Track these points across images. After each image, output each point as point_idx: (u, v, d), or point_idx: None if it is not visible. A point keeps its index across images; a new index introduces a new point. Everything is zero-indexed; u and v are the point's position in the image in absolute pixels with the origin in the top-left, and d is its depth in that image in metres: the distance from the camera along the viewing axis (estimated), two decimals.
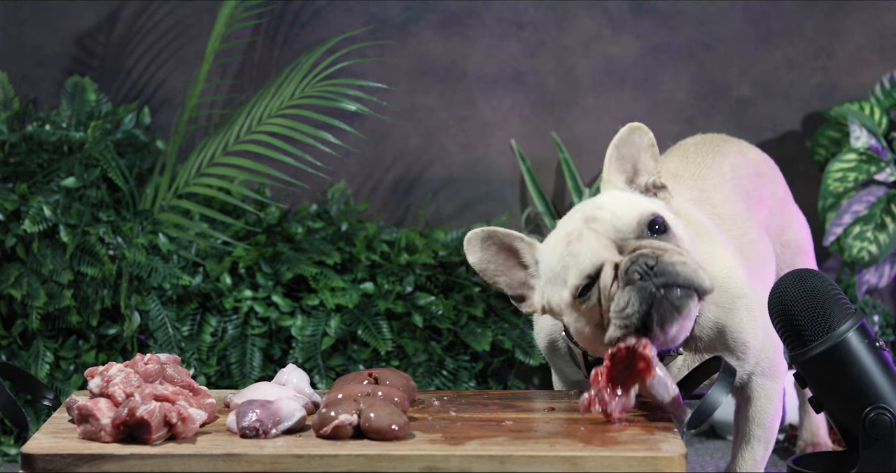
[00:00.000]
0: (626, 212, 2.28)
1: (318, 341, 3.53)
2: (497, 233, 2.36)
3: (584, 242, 2.26)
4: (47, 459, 2.08)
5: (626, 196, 2.35)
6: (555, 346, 2.48)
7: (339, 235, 3.70)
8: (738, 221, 2.63)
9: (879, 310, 3.76)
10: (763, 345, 2.45)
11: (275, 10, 3.90)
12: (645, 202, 2.33)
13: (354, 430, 2.14)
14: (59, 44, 3.91)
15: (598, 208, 2.30)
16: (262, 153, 3.54)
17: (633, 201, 2.33)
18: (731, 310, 2.41)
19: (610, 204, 2.31)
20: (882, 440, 2.10)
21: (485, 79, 3.90)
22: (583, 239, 2.26)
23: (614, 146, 2.37)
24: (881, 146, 3.67)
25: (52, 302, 3.46)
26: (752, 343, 2.43)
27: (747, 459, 2.54)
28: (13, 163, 3.62)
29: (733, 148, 2.86)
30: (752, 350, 2.43)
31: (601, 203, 2.32)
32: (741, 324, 2.41)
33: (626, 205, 2.30)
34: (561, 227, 2.35)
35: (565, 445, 2.11)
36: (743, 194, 2.73)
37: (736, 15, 3.87)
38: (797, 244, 2.93)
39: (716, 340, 2.41)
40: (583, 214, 2.31)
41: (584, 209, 2.33)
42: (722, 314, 2.40)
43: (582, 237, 2.27)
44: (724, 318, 2.40)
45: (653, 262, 2.21)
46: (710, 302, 2.39)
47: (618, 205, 2.30)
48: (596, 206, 2.31)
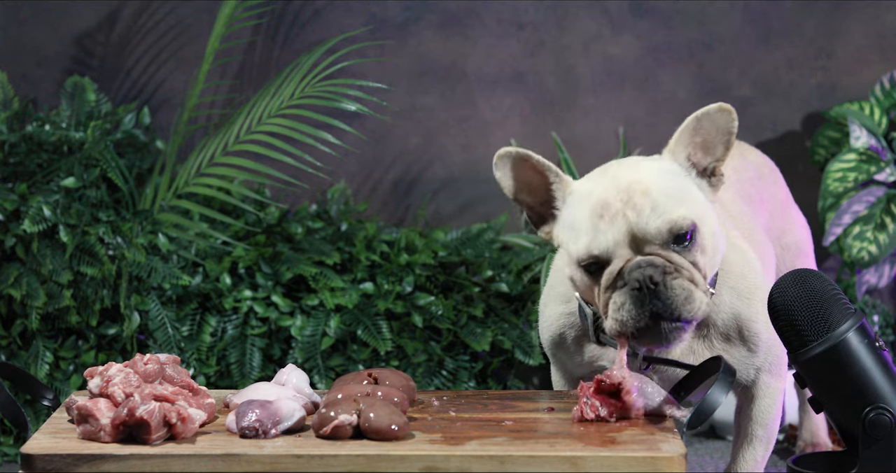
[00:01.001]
0: (664, 213, 2.23)
1: (318, 341, 3.52)
2: (532, 158, 2.36)
3: (611, 226, 2.24)
4: (47, 459, 2.08)
5: (677, 180, 2.29)
6: (563, 337, 2.48)
7: (339, 235, 3.70)
8: (746, 222, 2.63)
9: (879, 310, 3.76)
10: (774, 340, 2.45)
11: (275, 10, 3.90)
12: (690, 196, 2.28)
13: (354, 430, 2.14)
14: (59, 44, 3.91)
15: (644, 193, 2.24)
16: (261, 153, 3.54)
17: (679, 192, 2.27)
18: (749, 299, 2.41)
19: (656, 190, 2.25)
20: (882, 440, 2.10)
21: (485, 79, 3.90)
22: (612, 221, 2.24)
23: (696, 118, 2.30)
24: (881, 146, 3.67)
25: (52, 302, 3.46)
26: (764, 335, 2.43)
27: (748, 459, 2.54)
28: (13, 163, 3.62)
29: (735, 150, 2.87)
30: (763, 342, 2.43)
31: (648, 183, 2.25)
32: (756, 314, 2.41)
33: (670, 196, 2.25)
34: (600, 182, 2.30)
35: (565, 445, 2.11)
36: (746, 197, 2.73)
37: (736, 15, 3.87)
38: (798, 246, 2.93)
39: (730, 327, 2.41)
40: (627, 187, 2.25)
41: (630, 179, 2.26)
42: (739, 301, 2.40)
43: (612, 218, 2.24)
44: (741, 306, 2.41)
45: (658, 278, 2.21)
46: (729, 288, 2.39)
47: (661, 195, 2.25)
48: (642, 187, 2.25)
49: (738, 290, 2.41)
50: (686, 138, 2.32)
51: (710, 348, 2.43)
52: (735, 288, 2.41)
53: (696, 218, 2.26)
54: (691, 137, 2.32)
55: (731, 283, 2.40)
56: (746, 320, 2.42)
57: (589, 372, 2.46)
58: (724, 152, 2.32)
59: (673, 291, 2.22)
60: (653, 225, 2.23)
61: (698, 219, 2.26)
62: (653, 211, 2.24)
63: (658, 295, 2.22)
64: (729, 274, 2.40)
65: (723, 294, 2.39)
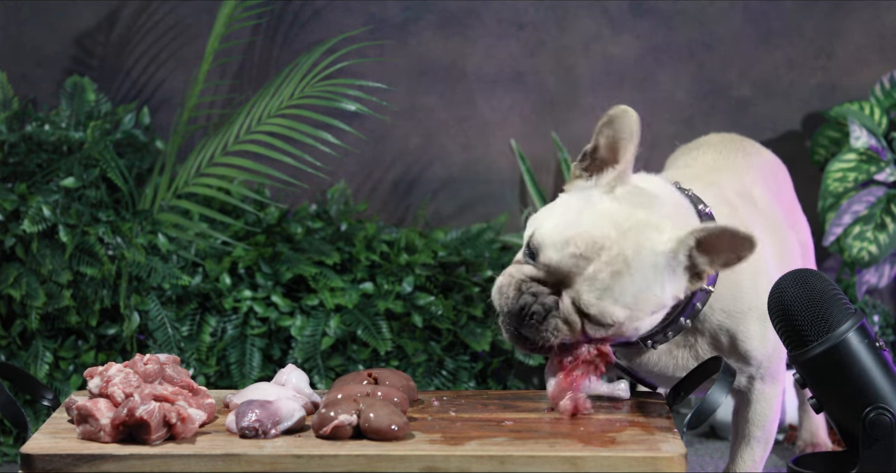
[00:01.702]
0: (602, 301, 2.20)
1: (318, 341, 3.52)
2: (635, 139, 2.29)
3: (567, 256, 2.21)
4: (46, 459, 2.08)
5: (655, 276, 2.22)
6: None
7: (339, 235, 3.70)
8: (775, 218, 2.63)
9: (879, 310, 3.76)
10: (769, 354, 2.44)
11: (274, 10, 3.89)
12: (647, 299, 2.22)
13: (354, 430, 2.14)
14: (59, 44, 3.91)
15: (615, 274, 2.20)
16: (261, 153, 3.54)
17: (642, 291, 2.21)
18: (741, 320, 2.39)
19: (625, 277, 2.20)
20: (882, 440, 2.10)
21: (485, 79, 3.90)
22: (572, 254, 2.21)
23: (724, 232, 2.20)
24: (881, 146, 3.67)
25: (52, 302, 3.46)
26: (755, 352, 2.42)
27: (746, 460, 2.54)
28: (12, 163, 3.62)
29: (753, 149, 2.88)
30: (755, 359, 2.43)
31: (628, 265, 2.20)
32: (747, 333, 2.40)
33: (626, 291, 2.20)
34: (613, 213, 2.24)
35: (565, 445, 2.11)
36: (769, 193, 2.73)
37: (736, 15, 3.87)
38: (803, 245, 2.93)
39: (719, 341, 2.41)
40: (615, 250, 2.20)
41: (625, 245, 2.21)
42: (729, 321, 2.39)
43: (574, 254, 2.21)
44: (732, 325, 2.40)
45: (537, 318, 2.23)
46: (719, 309, 2.37)
47: (621, 286, 2.20)
48: (619, 266, 2.20)
49: (728, 312, 2.39)
50: (703, 238, 2.22)
51: (695, 357, 2.42)
52: (725, 310, 2.39)
53: (623, 320, 2.21)
54: (707, 240, 2.22)
55: (721, 306, 2.38)
56: (738, 340, 2.41)
57: None
58: (721, 267, 2.23)
59: (544, 328, 2.24)
60: (585, 298, 2.21)
61: (626, 320, 2.22)
62: (599, 292, 2.20)
63: (531, 326, 2.24)
64: (722, 297, 2.38)
65: (714, 312, 2.38)
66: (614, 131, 2.29)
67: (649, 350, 2.39)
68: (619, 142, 2.29)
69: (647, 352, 2.42)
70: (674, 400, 2.36)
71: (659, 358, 2.42)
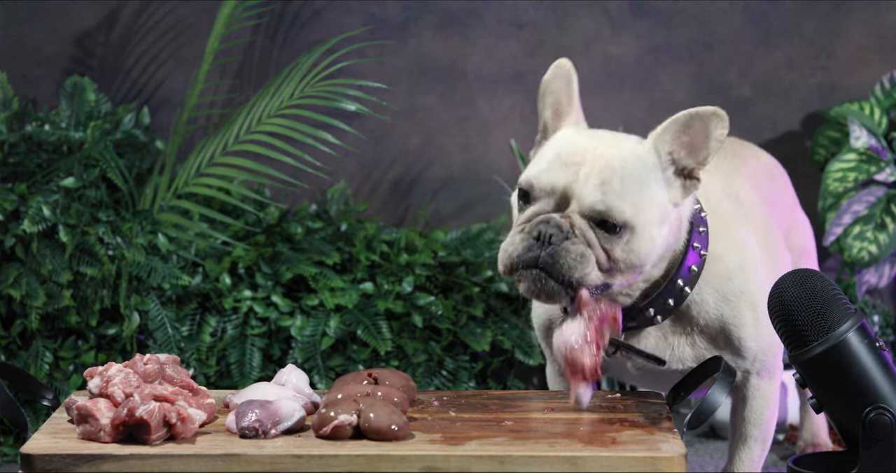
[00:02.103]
0: (606, 197, 2.21)
1: (318, 341, 3.52)
2: (574, 90, 2.35)
3: (559, 172, 2.24)
4: (46, 459, 2.08)
5: (645, 175, 2.25)
6: (552, 323, 2.48)
7: (339, 235, 3.70)
8: (764, 222, 2.63)
9: (879, 310, 3.76)
10: (763, 347, 2.45)
11: (274, 10, 3.89)
12: (646, 196, 2.25)
13: (354, 430, 2.14)
14: (59, 44, 3.91)
15: (605, 168, 2.22)
16: (261, 153, 3.54)
17: (638, 188, 2.24)
18: (734, 304, 2.40)
19: (618, 172, 2.23)
20: (882, 440, 2.10)
21: (485, 79, 3.90)
22: (562, 169, 2.24)
23: (689, 115, 2.26)
24: (881, 146, 3.67)
25: (52, 302, 3.46)
26: (749, 342, 2.42)
27: (744, 459, 2.54)
28: (12, 163, 3.62)
29: (749, 152, 2.88)
30: (749, 349, 2.43)
31: (617, 163, 2.23)
32: (739, 319, 2.41)
33: (625, 187, 2.22)
34: (584, 135, 2.30)
35: (565, 445, 2.11)
36: (762, 198, 2.73)
37: (736, 15, 3.87)
38: (803, 248, 2.94)
39: (715, 329, 2.41)
40: (598, 152, 2.24)
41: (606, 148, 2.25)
42: (724, 305, 2.40)
43: (564, 167, 2.24)
44: (726, 310, 2.40)
45: (556, 240, 2.21)
46: (713, 289, 2.39)
47: (618, 180, 2.22)
48: (608, 162, 2.23)
49: (721, 293, 2.40)
50: (674, 132, 2.28)
51: (692, 346, 2.42)
52: (719, 291, 2.40)
53: (634, 220, 2.23)
54: (679, 134, 2.27)
55: (714, 285, 2.39)
56: (731, 325, 2.41)
57: None
58: (706, 157, 2.28)
59: (567, 253, 2.22)
60: (589, 198, 2.23)
61: (637, 222, 2.23)
62: (599, 187, 2.23)
63: (551, 251, 2.22)
64: (714, 275, 2.39)
65: (705, 294, 2.39)
66: (552, 95, 2.37)
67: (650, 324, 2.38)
68: (559, 100, 2.37)
69: (645, 339, 2.41)
70: (674, 400, 2.36)
71: (656, 344, 2.41)
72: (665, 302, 2.36)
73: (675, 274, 2.34)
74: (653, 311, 2.36)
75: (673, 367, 2.43)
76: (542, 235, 2.22)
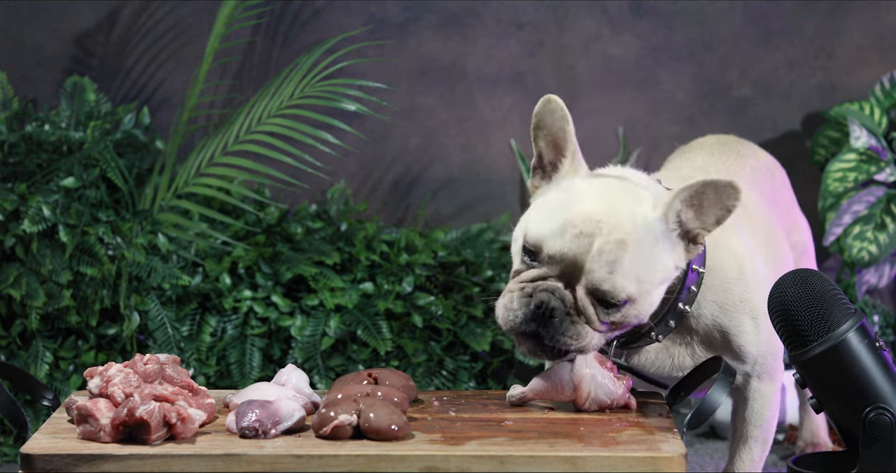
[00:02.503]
0: (613, 278, 2.20)
1: (318, 341, 3.52)
2: (569, 124, 2.32)
3: (570, 242, 2.22)
4: (46, 459, 2.08)
5: (654, 245, 2.24)
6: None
7: (339, 235, 3.70)
8: (764, 221, 2.63)
9: (879, 310, 3.76)
10: (763, 352, 2.45)
11: (274, 10, 3.89)
12: (652, 269, 2.24)
13: (354, 430, 2.14)
14: (59, 44, 3.91)
15: (618, 244, 2.21)
16: (261, 153, 3.54)
17: (646, 262, 2.23)
18: (733, 313, 2.40)
19: (629, 250, 2.21)
20: (882, 440, 2.10)
21: (485, 79, 3.90)
22: (574, 239, 2.22)
23: (703, 184, 2.24)
24: (881, 146, 3.67)
25: (52, 302, 3.46)
26: (749, 347, 2.42)
27: (745, 459, 2.54)
28: (12, 163, 3.62)
29: (749, 151, 2.87)
30: (749, 355, 2.43)
31: (629, 238, 2.21)
32: (739, 327, 2.41)
33: (634, 265, 2.21)
34: (599, 193, 2.27)
35: (565, 445, 2.11)
36: (762, 197, 2.73)
37: (736, 15, 3.87)
38: (802, 247, 2.94)
39: (713, 337, 2.41)
40: (612, 224, 2.22)
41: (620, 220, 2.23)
42: (722, 315, 2.40)
43: (576, 238, 2.22)
44: (724, 320, 2.40)
45: (557, 315, 2.22)
46: (711, 301, 2.39)
47: (628, 258, 2.21)
48: (621, 237, 2.21)
49: (720, 304, 2.40)
50: (686, 198, 2.26)
51: (691, 355, 2.43)
52: (717, 302, 2.40)
53: (636, 294, 2.23)
54: (691, 199, 2.26)
55: (713, 297, 2.40)
56: (730, 334, 2.42)
57: None
58: (713, 225, 2.26)
59: (565, 330, 2.23)
60: (597, 275, 2.21)
61: (639, 294, 2.23)
62: (608, 265, 2.21)
63: (550, 326, 2.23)
64: (712, 288, 2.40)
65: (703, 307, 2.39)
66: (546, 129, 2.34)
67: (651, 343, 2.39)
68: (556, 135, 2.35)
69: (645, 352, 2.42)
70: (674, 400, 2.36)
71: (656, 356, 2.42)
72: (667, 324, 2.37)
73: (674, 298, 2.35)
74: (654, 333, 2.38)
75: (673, 375, 2.44)
76: (545, 306, 2.22)
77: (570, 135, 2.34)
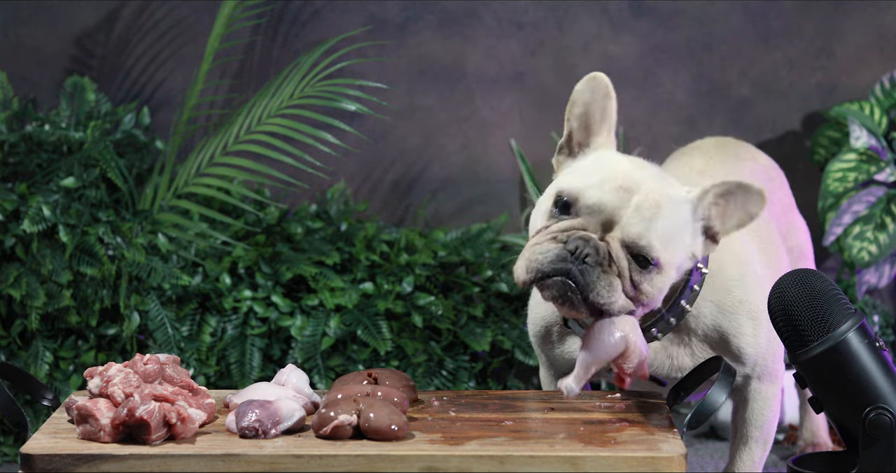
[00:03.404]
0: (648, 233, 2.21)
1: (318, 341, 3.52)
2: (611, 102, 2.34)
3: (608, 192, 2.21)
4: (46, 459, 2.08)
5: (683, 225, 2.25)
6: (548, 331, 2.48)
7: (339, 235, 3.70)
8: (763, 224, 2.63)
9: (879, 310, 3.76)
10: (763, 353, 2.45)
11: (274, 10, 3.89)
12: (680, 243, 2.25)
13: (354, 430, 2.14)
14: (59, 44, 3.91)
15: (654, 205, 2.21)
16: (261, 153, 3.54)
17: (676, 234, 2.24)
18: (732, 315, 2.40)
19: (662, 213, 2.22)
20: (882, 440, 2.10)
21: (484, 79, 3.90)
22: (613, 191, 2.21)
23: (737, 186, 2.26)
24: (881, 146, 3.67)
25: (52, 302, 3.46)
26: (748, 349, 2.43)
27: (745, 460, 2.54)
28: (12, 163, 3.62)
29: (748, 153, 2.88)
30: (749, 356, 2.44)
31: (665, 205, 2.22)
32: (739, 329, 2.41)
33: (667, 229, 2.22)
34: (637, 163, 2.29)
35: (565, 445, 2.11)
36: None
37: (736, 15, 3.87)
38: (800, 249, 2.94)
39: (712, 338, 2.42)
40: (650, 187, 2.23)
41: (658, 186, 2.24)
42: (721, 316, 2.40)
43: (615, 190, 2.21)
44: (723, 321, 2.41)
45: (591, 260, 2.19)
46: (710, 302, 2.39)
47: (662, 220, 2.22)
48: (657, 200, 2.22)
49: (719, 305, 2.40)
50: (716, 196, 2.28)
51: (691, 356, 2.43)
52: (717, 303, 2.40)
53: (664, 261, 2.23)
54: (719, 197, 2.28)
55: (712, 298, 2.40)
56: (729, 335, 2.42)
57: (572, 368, 2.45)
58: (734, 227, 2.28)
59: (598, 279, 2.20)
60: (635, 229, 2.21)
61: (666, 263, 2.23)
62: (645, 222, 2.22)
63: (583, 272, 2.20)
64: (714, 289, 2.40)
65: (702, 307, 2.39)
66: (583, 107, 2.35)
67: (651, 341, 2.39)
68: (591, 114, 2.35)
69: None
70: (674, 400, 2.36)
71: (655, 355, 2.42)
72: (668, 321, 2.37)
73: (678, 295, 2.35)
74: (655, 330, 2.38)
75: (672, 376, 2.44)
76: (579, 251, 2.20)
77: (611, 112, 2.34)
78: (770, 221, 2.68)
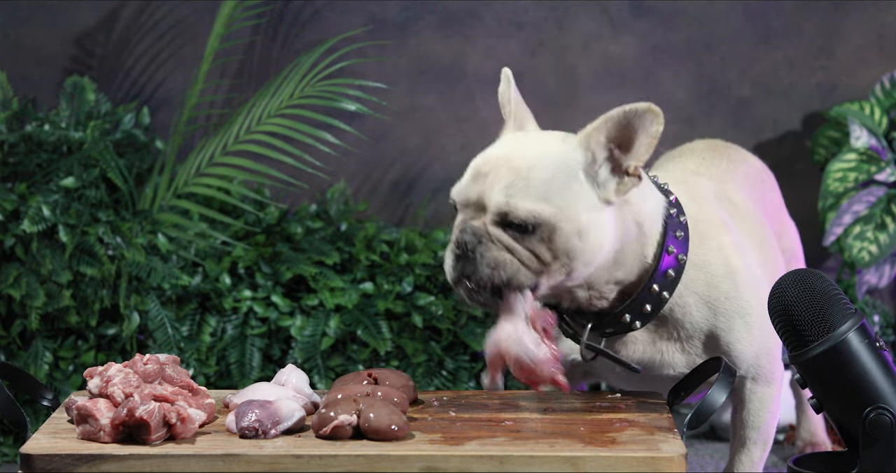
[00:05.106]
0: (511, 197, 2.22)
1: (318, 341, 3.52)
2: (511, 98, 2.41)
3: (472, 184, 2.29)
4: (46, 459, 2.08)
5: (563, 172, 2.25)
6: None
7: (339, 235, 3.70)
8: (758, 224, 2.63)
9: (879, 310, 3.76)
10: (756, 352, 2.44)
11: (274, 10, 3.90)
12: (563, 193, 2.24)
13: (354, 430, 2.14)
14: (59, 44, 3.91)
15: (512, 170, 2.24)
16: (261, 153, 3.54)
17: (553, 185, 2.23)
18: (719, 310, 2.39)
19: (526, 172, 2.24)
20: (882, 440, 2.10)
21: (484, 79, 3.90)
22: (475, 180, 2.28)
23: (623, 112, 2.24)
24: (881, 146, 3.67)
25: (52, 302, 3.46)
26: (738, 346, 2.41)
27: (744, 461, 2.54)
28: (12, 163, 3.62)
29: (739, 156, 2.87)
30: (740, 353, 2.42)
31: (527, 163, 2.24)
32: (728, 325, 2.40)
33: (537, 185, 2.23)
34: (504, 139, 2.36)
35: (565, 445, 2.11)
36: (753, 200, 2.73)
37: (736, 15, 3.87)
38: (791, 252, 2.95)
39: (701, 333, 2.40)
40: (507, 155, 2.27)
41: (517, 149, 2.29)
42: (708, 310, 2.39)
43: (476, 178, 2.28)
44: (710, 315, 2.39)
45: (472, 246, 2.25)
46: (700, 298, 2.38)
47: (525, 180, 2.23)
48: (516, 164, 2.24)
49: (705, 299, 2.38)
50: (607, 130, 2.26)
51: (682, 351, 2.42)
52: (702, 297, 2.38)
53: (546, 217, 2.22)
54: (612, 131, 2.26)
55: (696, 290, 2.38)
56: (719, 331, 2.40)
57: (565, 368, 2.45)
58: (643, 154, 2.26)
59: (482, 259, 2.24)
60: (493, 201, 2.25)
61: (552, 219, 2.22)
62: (503, 190, 2.24)
63: (469, 260, 2.25)
64: (696, 281, 2.38)
65: (687, 298, 2.38)
66: (501, 102, 2.46)
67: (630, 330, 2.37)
68: (504, 108, 2.45)
69: (633, 344, 2.40)
70: (674, 400, 2.36)
71: (644, 349, 2.41)
72: (642, 308, 2.34)
73: (649, 279, 2.33)
74: (629, 317, 2.35)
75: (664, 373, 2.43)
76: (461, 244, 2.26)
77: (511, 100, 2.41)
78: (764, 222, 2.68)
